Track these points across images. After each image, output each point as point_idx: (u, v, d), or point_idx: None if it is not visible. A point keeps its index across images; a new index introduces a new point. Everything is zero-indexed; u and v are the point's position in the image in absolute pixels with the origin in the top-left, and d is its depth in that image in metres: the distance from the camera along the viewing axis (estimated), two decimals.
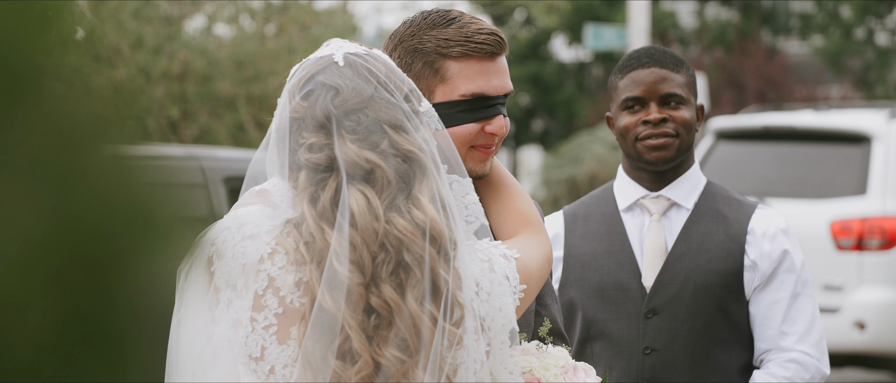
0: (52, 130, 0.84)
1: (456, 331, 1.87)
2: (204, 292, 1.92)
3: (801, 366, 3.11)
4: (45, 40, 0.84)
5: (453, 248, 1.89)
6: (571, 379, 2.17)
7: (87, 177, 0.84)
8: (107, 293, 0.85)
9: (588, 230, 3.24)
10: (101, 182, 0.85)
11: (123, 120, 0.87)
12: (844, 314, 8.28)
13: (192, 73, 14.37)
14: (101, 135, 0.85)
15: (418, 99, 1.98)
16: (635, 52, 3.26)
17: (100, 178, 0.85)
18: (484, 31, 2.25)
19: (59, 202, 0.83)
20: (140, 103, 8.92)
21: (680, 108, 3.16)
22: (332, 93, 1.93)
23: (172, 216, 0.87)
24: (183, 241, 0.88)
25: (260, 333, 1.88)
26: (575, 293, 3.20)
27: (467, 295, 1.90)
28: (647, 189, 3.21)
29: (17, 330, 0.82)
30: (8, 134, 0.82)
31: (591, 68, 30.56)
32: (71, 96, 0.85)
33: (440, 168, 1.93)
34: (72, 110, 0.85)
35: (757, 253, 3.14)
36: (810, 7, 28.60)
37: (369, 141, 1.89)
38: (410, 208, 1.87)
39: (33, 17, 0.84)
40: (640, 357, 3.13)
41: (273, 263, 1.88)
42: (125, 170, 0.86)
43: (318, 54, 2.01)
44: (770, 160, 9.04)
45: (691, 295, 3.13)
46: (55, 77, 0.84)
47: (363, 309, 1.85)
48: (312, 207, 1.88)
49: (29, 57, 0.84)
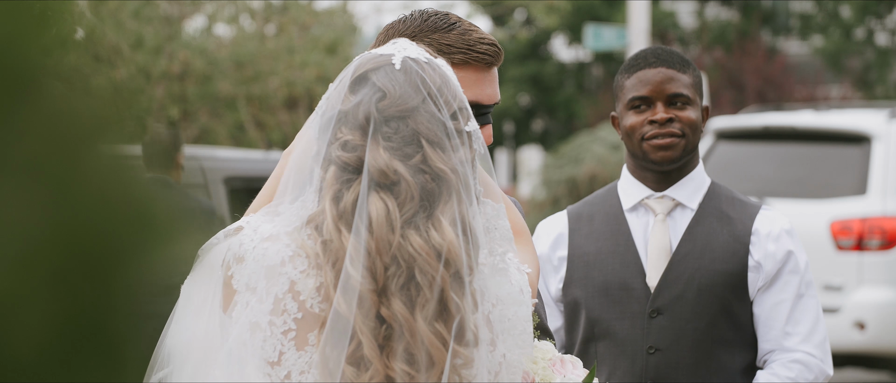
0: (51, 130, 0.84)
1: (466, 353, 1.84)
2: (213, 295, 1.89)
3: (804, 367, 3.11)
4: (45, 40, 0.84)
5: (469, 273, 1.85)
6: (559, 372, 2.18)
7: (86, 177, 0.84)
8: (106, 293, 0.85)
9: (592, 230, 3.24)
10: (101, 182, 0.85)
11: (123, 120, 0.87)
12: (844, 314, 8.28)
13: (192, 73, 14.37)
14: (101, 135, 0.85)
15: (466, 118, 1.92)
16: (642, 51, 3.27)
17: (99, 178, 0.85)
18: (485, 41, 2.26)
19: (58, 202, 0.83)
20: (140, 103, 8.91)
21: (686, 109, 3.17)
22: (378, 95, 1.88)
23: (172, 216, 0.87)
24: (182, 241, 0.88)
25: (278, 338, 1.85)
26: (579, 292, 3.20)
27: (483, 313, 1.87)
28: (651, 189, 3.22)
29: (17, 330, 0.82)
30: (8, 134, 0.82)
31: (591, 68, 30.56)
32: (71, 96, 0.85)
33: (472, 190, 1.89)
34: (71, 110, 0.85)
35: (761, 253, 3.15)
36: (810, 7, 28.61)
37: (402, 152, 1.85)
38: (429, 228, 1.83)
39: (33, 17, 0.84)
40: (644, 356, 3.13)
41: (294, 266, 1.86)
42: (125, 170, 0.86)
43: (380, 50, 1.97)
44: (770, 160, 9.04)
45: (695, 295, 3.13)
46: (55, 77, 0.84)
47: (375, 316, 1.82)
48: (334, 206, 1.85)
49: (29, 57, 0.84)
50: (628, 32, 17.08)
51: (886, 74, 26.44)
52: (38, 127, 0.83)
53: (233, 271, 1.88)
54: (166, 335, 1.93)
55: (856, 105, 10.58)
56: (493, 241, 1.94)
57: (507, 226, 1.97)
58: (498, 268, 1.93)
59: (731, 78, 22.92)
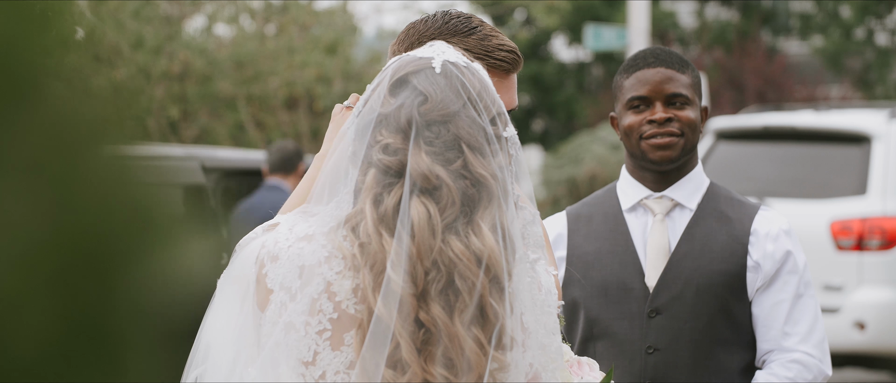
0: (52, 130, 0.84)
1: (503, 358, 1.84)
2: (248, 293, 1.89)
3: (803, 367, 3.12)
4: (45, 40, 0.84)
5: (508, 279, 1.85)
6: (577, 374, 2.18)
7: (87, 178, 0.84)
8: (107, 293, 0.85)
9: (591, 230, 3.24)
10: (101, 182, 0.85)
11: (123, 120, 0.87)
12: (844, 314, 8.28)
13: (192, 73, 14.37)
14: (101, 135, 0.85)
15: (505, 123, 1.92)
16: (641, 52, 3.28)
17: (100, 179, 0.85)
18: (505, 47, 2.25)
19: (58, 202, 0.83)
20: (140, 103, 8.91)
21: (685, 108, 3.17)
22: (420, 99, 1.87)
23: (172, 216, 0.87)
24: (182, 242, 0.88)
25: (313, 337, 1.85)
26: (578, 292, 3.21)
27: (517, 318, 1.87)
28: (650, 189, 3.22)
29: (17, 330, 0.82)
30: (8, 134, 0.82)
31: (591, 68, 30.56)
32: (71, 96, 0.85)
33: (509, 196, 1.88)
34: (72, 110, 0.85)
35: (760, 253, 3.15)
36: (810, 7, 28.60)
37: (444, 157, 1.84)
38: (469, 233, 1.83)
39: (33, 17, 0.84)
40: (643, 356, 3.13)
41: (330, 267, 1.85)
42: (125, 170, 0.86)
43: (417, 53, 1.96)
44: (770, 160, 9.04)
45: (694, 296, 3.13)
46: (55, 77, 0.84)
47: (414, 319, 1.82)
48: (374, 209, 1.84)
49: (29, 57, 0.84)
50: (628, 32, 17.08)
51: (886, 74, 26.44)
52: (39, 127, 0.83)
53: (267, 269, 1.88)
54: (202, 330, 1.93)
55: (856, 105, 10.58)
56: (527, 247, 1.93)
57: (540, 232, 1.97)
58: (531, 273, 1.93)
59: (731, 78, 22.92)
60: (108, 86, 0.87)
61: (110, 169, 0.85)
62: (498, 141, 1.89)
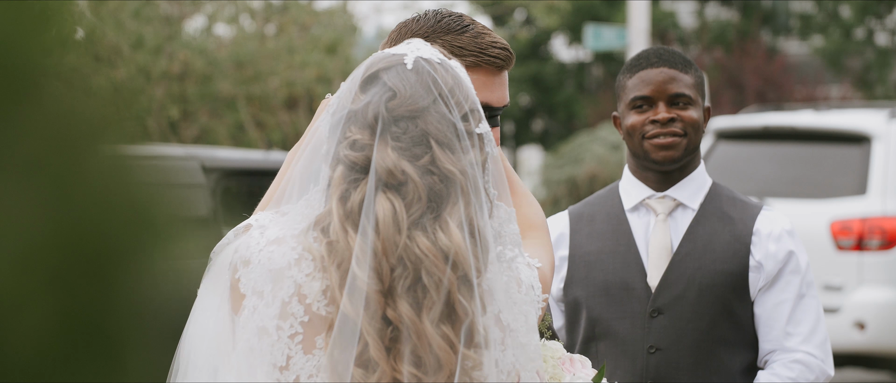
0: (51, 130, 0.84)
1: (475, 355, 1.82)
2: (224, 298, 1.88)
3: (805, 367, 3.12)
4: (45, 40, 0.84)
5: (477, 276, 1.82)
6: (569, 371, 2.18)
7: (86, 177, 0.84)
8: (106, 293, 0.84)
9: (593, 229, 3.24)
10: (101, 182, 0.85)
11: (123, 120, 0.87)
12: (844, 314, 8.28)
13: (192, 73, 14.37)
14: (101, 135, 0.85)
15: (478, 120, 1.90)
16: (644, 51, 3.28)
17: (99, 178, 0.85)
18: (497, 44, 2.26)
19: (58, 202, 0.83)
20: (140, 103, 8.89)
21: (688, 109, 3.18)
22: (388, 94, 1.86)
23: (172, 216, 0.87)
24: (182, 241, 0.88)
25: (285, 342, 1.83)
26: (580, 292, 3.21)
27: (492, 314, 1.86)
28: (652, 189, 3.23)
29: (17, 330, 0.82)
30: (8, 134, 0.82)
31: (591, 68, 30.57)
32: (71, 96, 0.85)
33: (481, 193, 1.86)
34: (71, 110, 0.85)
35: (762, 253, 3.15)
36: (810, 7, 28.61)
37: (411, 152, 1.83)
38: (436, 230, 1.81)
39: (33, 17, 0.84)
40: (645, 356, 3.14)
41: (299, 270, 1.84)
42: (125, 170, 0.86)
43: (393, 50, 1.95)
44: (770, 160, 9.04)
45: (696, 295, 3.13)
46: (55, 77, 0.84)
47: (381, 317, 1.80)
48: (341, 206, 1.83)
49: (29, 57, 0.84)
50: (628, 32, 17.08)
51: (886, 74, 26.44)
52: (39, 127, 0.83)
53: (240, 274, 1.87)
54: (183, 339, 1.92)
55: (856, 105, 10.57)
56: (503, 245, 1.91)
57: (516, 230, 1.95)
58: (508, 272, 1.91)
59: (731, 78, 22.92)
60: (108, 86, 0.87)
61: (110, 168, 0.85)
62: (470, 137, 1.87)
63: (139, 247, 0.85)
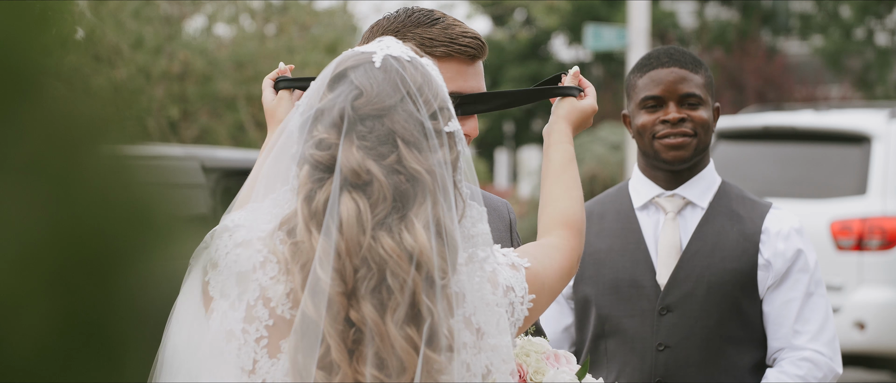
0: (52, 130, 0.84)
1: (439, 358, 1.78)
2: (198, 301, 1.86)
3: (813, 365, 3.13)
4: (45, 40, 0.84)
5: (442, 277, 1.79)
6: (553, 365, 2.19)
7: (86, 178, 0.84)
8: (106, 293, 0.85)
9: (603, 227, 3.26)
10: (101, 182, 0.85)
11: (123, 120, 0.87)
12: (844, 314, 8.28)
13: (192, 73, 14.37)
14: (101, 135, 0.85)
15: (447, 118, 1.86)
16: (654, 51, 3.29)
17: (99, 178, 0.85)
18: (468, 34, 2.27)
19: (58, 202, 0.83)
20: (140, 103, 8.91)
21: (698, 108, 3.20)
22: (355, 92, 1.84)
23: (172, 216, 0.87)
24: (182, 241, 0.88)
25: (252, 346, 1.81)
26: (590, 289, 3.22)
27: (463, 316, 1.83)
28: (662, 187, 3.25)
29: (17, 330, 0.82)
30: (8, 134, 0.82)
31: (591, 68, 30.57)
32: (71, 96, 0.85)
33: (450, 192, 1.83)
34: (72, 110, 0.85)
35: (771, 252, 3.17)
36: (810, 7, 28.61)
37: (377, 151, 1.80)
38: (401, 230, 1.78)
39: (33, 17, 0.84)
40: (654, 353, 3.15)
41: (264, 272, 1.82)
42: (125, 170, 0.86)
43: (363, 48, 1.93)
44: (770, 160, 9.04)
45: (705, 293, 3.15)
46: (55, 77, 0.84)
47: (343, 319, 1.78)
48: (306, 206, 1.81)
49: (29, 57, 0.84)
50: (628, 32, 17.08)
51: (886, 74, 26.44)
52: (39, 127, 0.83)
53: (209, 277, 1.85)
54: (164, 339, 1.91)
55: (856, 105, 10.58)
56: (475, 246, 1.88)
57: (486, 229, 1.91)
58: (480, 273, 1.88)
59: (731, 78, 22.92)
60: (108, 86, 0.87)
61: (110, 168, 0.85)
62: (439, 136, 1.84)
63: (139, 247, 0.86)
